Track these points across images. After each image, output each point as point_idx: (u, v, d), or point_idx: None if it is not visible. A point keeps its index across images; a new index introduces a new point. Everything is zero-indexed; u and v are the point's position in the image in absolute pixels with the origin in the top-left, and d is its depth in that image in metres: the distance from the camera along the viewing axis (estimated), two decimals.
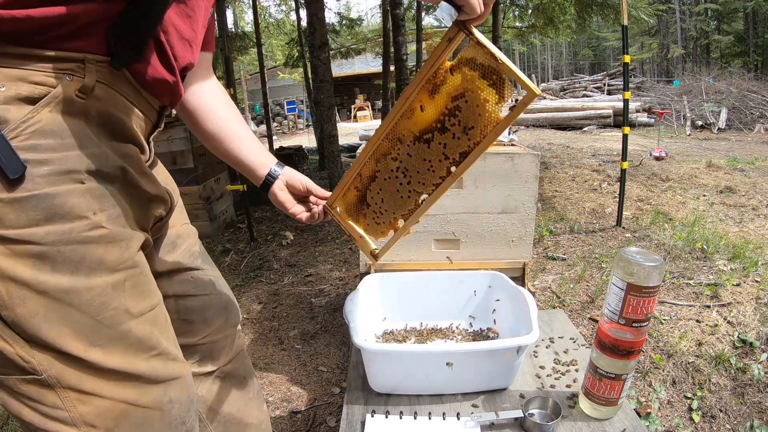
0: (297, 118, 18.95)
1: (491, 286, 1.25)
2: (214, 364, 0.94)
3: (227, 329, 0.96)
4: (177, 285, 0.86)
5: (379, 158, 0.84)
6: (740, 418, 1.48)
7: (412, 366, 0.99)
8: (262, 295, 2.57)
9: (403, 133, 0.79)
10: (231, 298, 1.00)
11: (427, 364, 0.98)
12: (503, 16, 7.22)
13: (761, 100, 9.86)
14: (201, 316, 0.90)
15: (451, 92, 0.72)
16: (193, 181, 3.60)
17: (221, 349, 0.95)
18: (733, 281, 2.19)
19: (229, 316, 0.97)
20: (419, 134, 0.77)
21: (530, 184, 1.46)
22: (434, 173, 0.79)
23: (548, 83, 21.18)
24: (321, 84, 4.48)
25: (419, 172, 0.80)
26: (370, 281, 1.26)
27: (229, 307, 0.97)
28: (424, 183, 0.81)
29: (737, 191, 4.10)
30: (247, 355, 1.05)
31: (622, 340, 0.84)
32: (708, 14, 25.67)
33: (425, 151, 0.78)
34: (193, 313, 0.89)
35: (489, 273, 1.27)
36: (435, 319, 1.28)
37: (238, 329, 1.02)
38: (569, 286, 2.35)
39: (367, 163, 0.86)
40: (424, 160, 0.79)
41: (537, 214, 1.72)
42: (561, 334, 1.26)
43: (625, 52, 3.04)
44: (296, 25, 8.00)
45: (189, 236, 0.92)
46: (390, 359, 0.99)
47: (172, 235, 0.86)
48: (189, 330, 0.89)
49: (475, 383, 1.01)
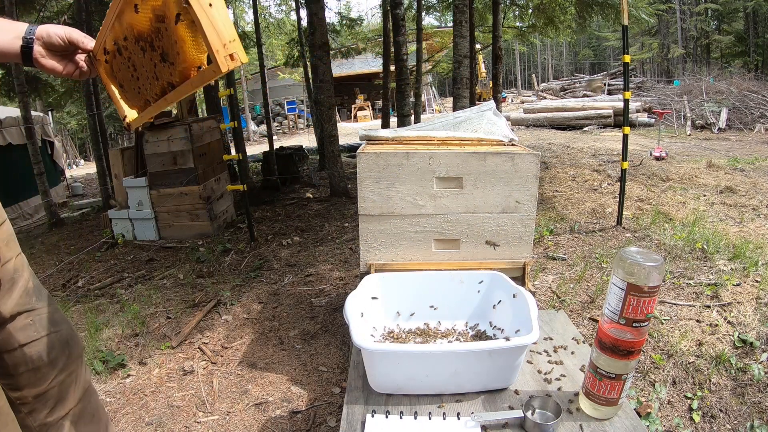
0: (297, 118, 18.97)
1: (491, 286, 1.25)
2: (64, 408, 0.94)
3: (72, 365, 0.96)
4: (21, 332, 0.86)
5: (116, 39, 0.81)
6: (740, 418, 1.48)
7: (413, 366, 0.99)
8: (262, 295, 2.57)
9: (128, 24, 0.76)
10: (69, 329, 0.99)
11: (428, 364, 0.98)
12: (503, 16, 7.21)
13: (761, 100, 9.85)
14: (47, 359, 0.90)
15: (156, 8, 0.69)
16: (193, 181, 3.60)
17: (69, 389, 0.95)
18: (733, 281, 2.19)
19: (71, 350, 0.97)
20: (137, 37, 0.74)
21: (530, 184, 1.46)
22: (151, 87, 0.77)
23: (548, 83, 21.18)
24: (321, 84, 4.49)
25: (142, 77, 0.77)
26: (370, 281, 1.26)
27: (70, 341, 0.97)
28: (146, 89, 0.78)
29: (737, 191, 4.10)
30: (94, 390, 1.05)
31: (622, 340, 0.84)
32: (708, 14, 25.65)
33: (141, 58, 0.75)
34: (39, 359, 0.89)
35: (489, 273, 1.27)
36: (435, 319, 1.28)
37: (82, 360, 1.03)
38: (569, 286, 2.35)
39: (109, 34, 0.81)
40: (143, 67, 0.76)
41: (537, 214, 1.72)
42: (561, 334, 1.26)
43: (626, 51, 3.03)
44: (296, 24, 8.00)
45: (23, 269, 0.90)
46: (390, 359, 0.99)
47: (10, 270, 0.85)
48: (38, 378, 0.89)
49: (475, 383, 1.01)
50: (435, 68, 13.09)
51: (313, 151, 7.56)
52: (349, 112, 19.17)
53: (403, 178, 1.45)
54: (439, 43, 11.86)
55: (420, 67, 7.26)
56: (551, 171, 4.99)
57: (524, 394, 1.00)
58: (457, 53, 3.72)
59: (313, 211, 4.25)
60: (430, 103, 19.83)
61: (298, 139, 14.10)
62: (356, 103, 19.11)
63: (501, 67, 6.52)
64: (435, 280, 1.29)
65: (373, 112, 18.66)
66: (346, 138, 11.28)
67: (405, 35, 5.93)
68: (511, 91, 32.77)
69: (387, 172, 1.45)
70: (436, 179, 1.45)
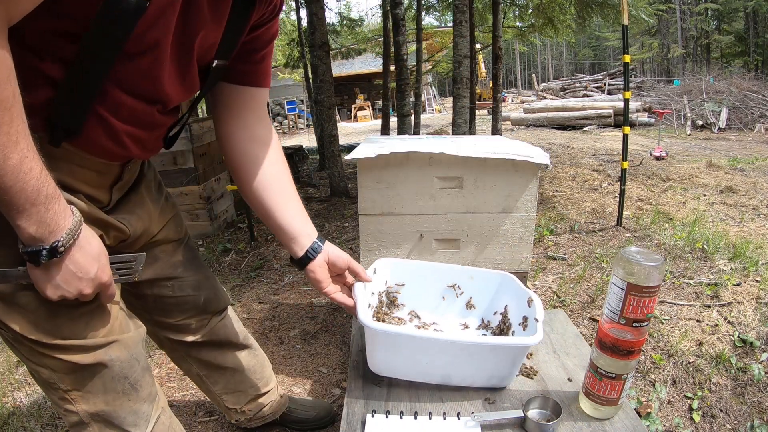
0: (297, 118, 18.97)
1: (502, 286, 1.24)
2: (189, 336, 1.12)
3: (202, 315, 1.12)
4: (156, 289, 1.02)
5: None
6: (741, 418, 1.48)
7: (414, 351, 0.98)
8: (262, 295, 2.57)
9: None
10: (212, 293, 1.14)
11: (430, 351, 0.98)
12: (503, 16, 7.21)
13: (761, 99, 9.85)
14: (177, 309, 1.07)
15: None
16: (193, 181, 3.60)
17: (195, 329, 1.12)
18: (733, 281, 2.19)
19: (206, 308, 1.12)
20: None
21: (530, 184, 1.46)
22: None
23: (548, 83, 21.18)
24: (321, 84, 4.48)
25: None
26: (383, 264, 1.27)
27: (206, 303, 1.12)
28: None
29: (737, 191, 4.10)
30: (231, 324, 1.23)
31: (622, 339, 0.84)
32: (708, 14, 25.66)
33: None
34: (169, 307, 1.06)
35: (499, 273, 1.25)
36: (441, 310, 1.27)
37: (225, 312, 1.21)
38: (569, 286, 2.35)
39: None
40: None
41: (537, 214, 1.72)
42: (561, 334, 1.26)
43: (626, 51, 3.03)
44: (296, 25, 8.00)
45: (174, 252, 1.03)
46: (392, 341, 0.99)
47: (157, 251, 0.98)
48: (165, 316, 1.07)
49: (475, 378, 1.00)
50: (435, 68, 13.08)
51: (313, 151, 7.56)
52: (349, 112, 19.17)
53: (403, 177, 1.45)
54: (439, 43, 11.85)
55: (420, 67, 7.26)
56: (551, 171, 5.00)
57: (524, 394, 1.00)
58: (457, 53, 3.72)
59: (313, 211, 4.25)
60: (430, 103, 19.84)
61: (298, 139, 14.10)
62: (356, 103, 19.12)
63: (501, 67, 6.52)
64: (446, 272, 1.28)
65: (373, 112, 18.66)
66: (346, 138, 11.29)
67: (405, 35, 5.92)
68: (511, 90, 32.78)
69: (387, 172, 1.45)
70: (436, 179, 1.45)
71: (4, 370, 1.93)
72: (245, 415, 1.34)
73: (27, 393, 1.78)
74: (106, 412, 0.81)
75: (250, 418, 1.36)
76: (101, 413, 0.81)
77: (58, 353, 0.75)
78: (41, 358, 0.76)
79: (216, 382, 1.24)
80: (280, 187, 0.94)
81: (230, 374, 1.24)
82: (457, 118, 3.91)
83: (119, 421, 0.82)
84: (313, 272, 0.94)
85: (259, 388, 1.32)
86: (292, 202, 0.94)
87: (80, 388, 0.78)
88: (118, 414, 0.82)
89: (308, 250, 0.92)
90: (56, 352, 0.75)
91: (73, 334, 0.75)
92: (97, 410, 0.80)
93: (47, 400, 1.69)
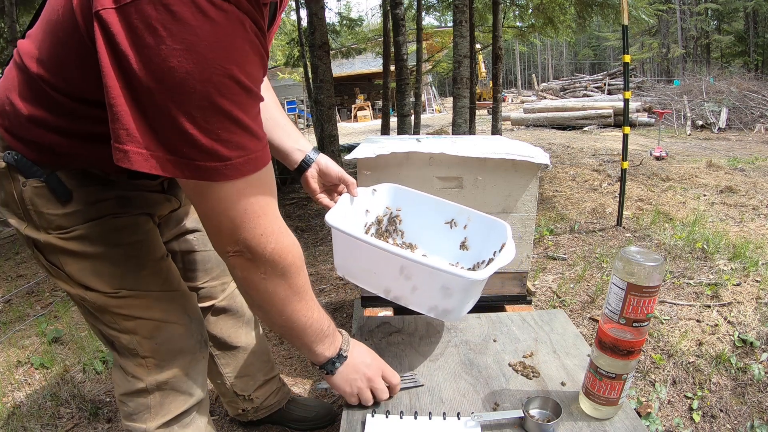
0: (297, 118, 18.96)
1: (492, 233, 1.21)
2: (211, 301, 1.21)
3: (224, 277, 1.21)
4: (183, 243, 1.12)
5: None
6: (741, 418, 1.48)
7: (364, 258, 1.01)
8: None
9: None
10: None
11: (377, 261, 0.99)
12: (503, 16, 7.21)
13: (761, 99, 9.86)
14: (202, 267, 1.16)
15: None
16: None
17: (218, 292, 1.22)
18: (733, 281, 2.19)
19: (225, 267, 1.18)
20: None
21: (530, 184, 1.46)
22: None
23: (548, 83, 21.19)
24: (321, 84, 4.49)
25: None
26: (384, 188, 1.26)
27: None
28: None
29: (737, 191, 4.10)
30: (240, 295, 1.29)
31: (622, 339, 0.84)
32: (708, 14, 25.68)
33: None
34: (195, 264, 1.15)
35: (496, 221, 1.22)
36: (434, 246, 1.27)
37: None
38: (569, 286, 2.35)
39: None
40: None
41: (537, 214, 1.72)
42: (561, 334, 1.26)
43: (626, 51, 3.03)
44: (296, 25, 8.01)
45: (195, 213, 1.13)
46: (347, 244, 1.02)
47: (182, 213, 1.10)
48: (192, 277, 1.16)
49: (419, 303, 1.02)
50: (435, 68, 13.08)
51: None
52: (349, 112, 19.18)
53: (403, 177, 1.45)
54: (439, 43, 11.84)
55: (420, 67, 7.26)
56: (551, 171, 5.00)
57: (524, 394, 1.00)
58: (457, 53, 3.72)
59: (313, 211, 4.25)
60: (430, 103, 19.84)
61: None
62: (356, 103, 19.13)
63: (501, 67, 6.51)
64: (445, 209, 1.26)
65: (373, 112, 18.67)
66: (346, 138, 11.28)
67: (405, 35, 5.92)
68: (511, 90, 32.77)
69: (387, 172, 1.45)
70: (436, 179, 1.45)
71: (4, 370, 1.93)
72: (252, 404, 1.36)
73: (27, 393, 1.78)
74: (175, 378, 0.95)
75: (257, 406, 1.38)
76: (169, 381, 0.94)
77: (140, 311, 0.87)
78: (123, 322, 0.87)
79: (227, 363, 1.30)
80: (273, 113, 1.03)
81: (241, 355, 1.30)
82: (457, 118, 3.91)
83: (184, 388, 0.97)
84: (306, 182, 1.06)
85: (266, 372, 1.38)
86: (279, 126, 1.04)
87: (156, 355, 0.91)
88: (180, 384, 0.96)
89: (301, 162, 1.04)
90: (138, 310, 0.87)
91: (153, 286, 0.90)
92: (166, 378, 0.93)
93: (48, 399, 1.69)
